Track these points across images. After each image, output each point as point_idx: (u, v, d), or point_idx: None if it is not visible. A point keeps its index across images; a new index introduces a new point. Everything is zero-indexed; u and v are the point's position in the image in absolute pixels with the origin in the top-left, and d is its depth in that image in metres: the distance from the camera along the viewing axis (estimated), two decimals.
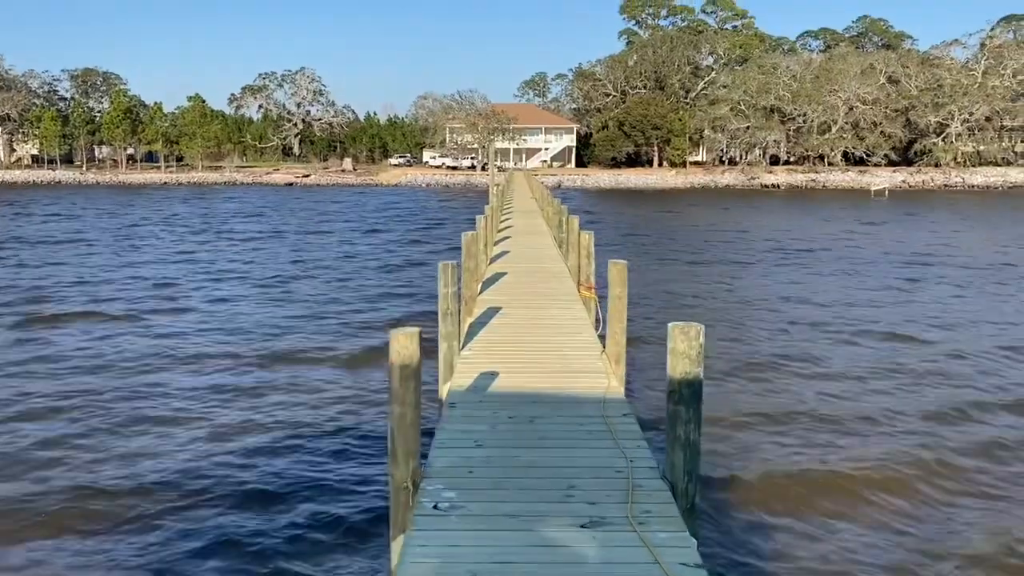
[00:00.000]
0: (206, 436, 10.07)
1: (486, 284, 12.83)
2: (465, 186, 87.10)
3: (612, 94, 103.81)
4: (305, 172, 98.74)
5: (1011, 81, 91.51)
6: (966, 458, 9.39)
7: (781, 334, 16.05)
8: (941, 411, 11.08)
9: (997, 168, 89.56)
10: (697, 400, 4.92)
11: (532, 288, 12.62)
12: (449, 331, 7.75)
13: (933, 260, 28.28)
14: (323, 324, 16.94)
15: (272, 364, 13.76)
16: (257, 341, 15.50)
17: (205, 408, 11.27)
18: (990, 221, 46.74)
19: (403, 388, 4.85)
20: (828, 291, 21.32)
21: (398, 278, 23.52)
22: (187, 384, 12.65)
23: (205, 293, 21.40)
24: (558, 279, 13.73)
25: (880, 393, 11.90)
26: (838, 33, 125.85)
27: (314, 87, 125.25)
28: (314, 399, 11.57)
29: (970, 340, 15.63)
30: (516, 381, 7.28)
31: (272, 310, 18.88)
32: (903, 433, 10.17)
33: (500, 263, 15.20)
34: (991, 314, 18.38)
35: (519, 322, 9.93)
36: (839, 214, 51.86)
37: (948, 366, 13.68)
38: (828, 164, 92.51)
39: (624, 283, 7.88)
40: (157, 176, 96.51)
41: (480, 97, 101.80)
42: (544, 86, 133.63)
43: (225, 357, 14.37)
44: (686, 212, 54.29)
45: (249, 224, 44.80)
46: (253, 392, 12.06)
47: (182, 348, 15.05)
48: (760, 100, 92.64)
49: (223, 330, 16.65)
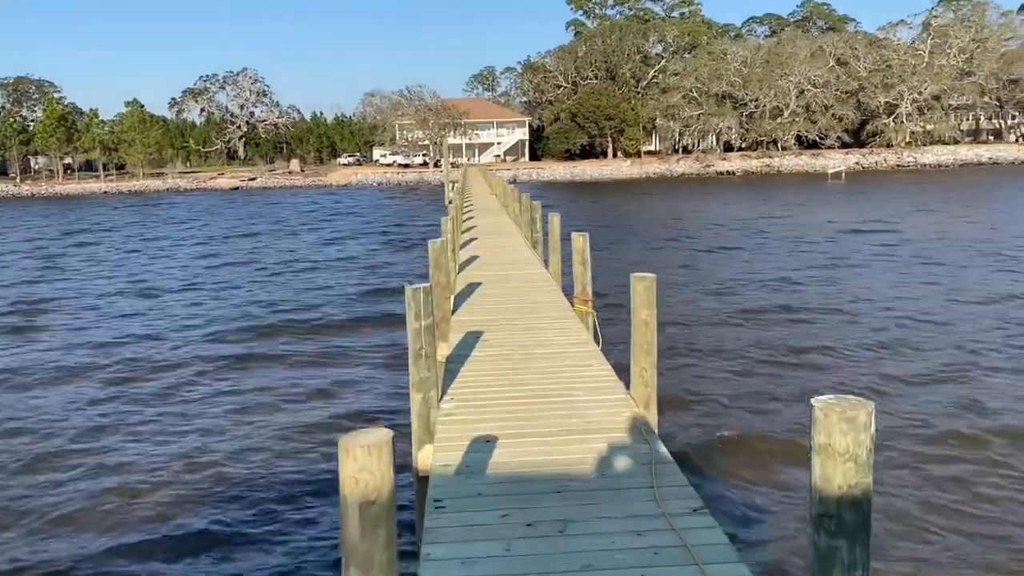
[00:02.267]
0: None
1: (459, 299, 10.89)
2: (418, 183, 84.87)
3: (563, 85, 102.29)
4: (251, 175, 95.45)
5: (957, 60, 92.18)
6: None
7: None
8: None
9: (947, 146, 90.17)
10: (867, 531, 2.95)
11: (514, 302, 10.74)
12: (424, 378, 5.72)
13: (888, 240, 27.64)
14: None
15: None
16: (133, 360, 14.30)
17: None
18: (961, 199, 46.23)
19: (366, 541, 2.82)
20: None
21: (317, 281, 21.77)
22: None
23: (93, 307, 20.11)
24: (540, 288, 11.86)
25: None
26: (783, 18, 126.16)
27: (257, 88, 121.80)
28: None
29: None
30: (523, 452, 5.23)
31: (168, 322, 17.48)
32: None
33: (471, 271, 13.24)
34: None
35: (508, 351, 8.00)
36: (801, 199, 50.99)
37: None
38: (781, 148, 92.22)
39: (652, 303, 5.98)
40: (96, 186, 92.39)
41: (429, 92, 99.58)
42: (493, 80, 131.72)
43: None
44: (647, 202, 52.94)
45: (177, 231, 42.94)
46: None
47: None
48: (712, 87, 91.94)
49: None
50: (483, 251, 15.49)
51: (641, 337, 5.92)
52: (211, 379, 12.90)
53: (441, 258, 8.56)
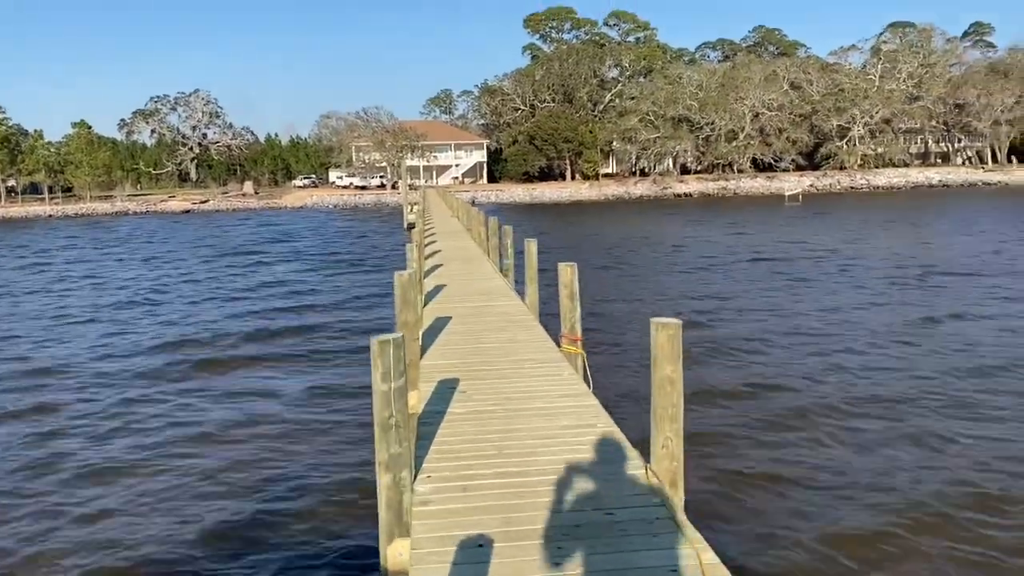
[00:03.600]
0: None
1: (428, 338, 9.61)
2: (376, 205, 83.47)
3: (521, 108, 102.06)
4: (203, 198, 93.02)
5: (906, 84, 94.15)
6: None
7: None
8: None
9: (898, 169, 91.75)
10: None
11: (491, 340, 9.55)
12: (394, 455, 4.44)
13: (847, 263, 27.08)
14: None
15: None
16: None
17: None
18: (917, 220, 46.46)
19: None
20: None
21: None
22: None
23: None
24: (518, 323, 10.67)
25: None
26: (736, 43, 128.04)
27: (210, 109, 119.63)
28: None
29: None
30: (526, 562, 4.01)
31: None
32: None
33: (439, 303, 12.08)
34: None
35: (491, 406, 6.75)
36: (766, 221, 50.81)
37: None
38: (737, 171, 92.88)
39: (677, 356, 4.78)
40: (40, 209, 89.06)
41: (386, 114, 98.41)
42: (450, 103, 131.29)
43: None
44: (610, 223, 52.27)
45: (94, 255, 41.01)
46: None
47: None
48: (668, 110, 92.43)
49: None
50: (450, 279, 14.32)
51: (665, 398, 4.77)
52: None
53: (409, 293, 7.41)
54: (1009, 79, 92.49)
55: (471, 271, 15.65)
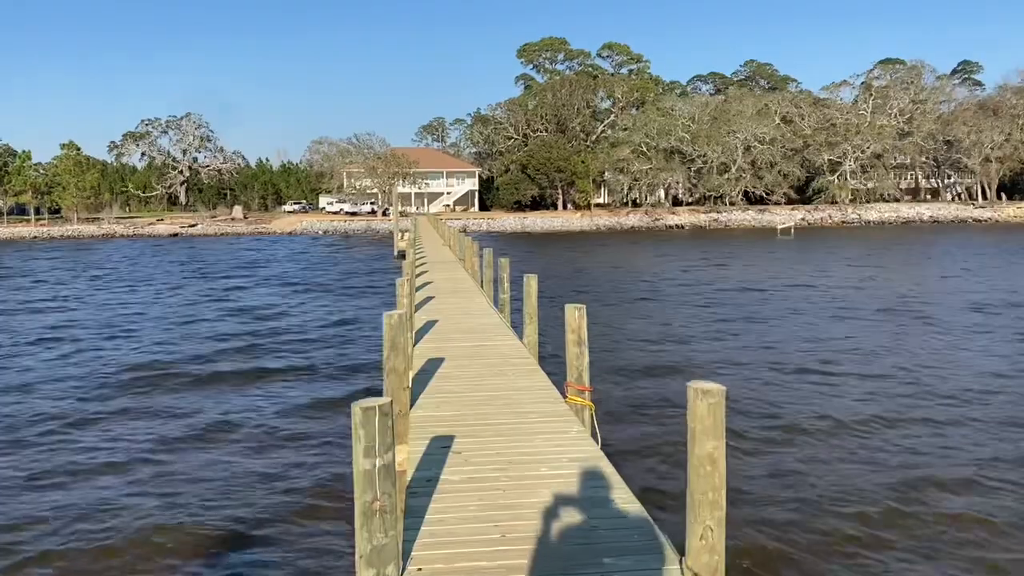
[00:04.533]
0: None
1: (419, 383, 8.70)
2: (366, 232, 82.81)
3: (514, 137, 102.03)
4: (191, 221, 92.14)
5: (897, 120, 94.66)
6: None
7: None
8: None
9: (889, 204, 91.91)
10: None
11: (488, 387, 8.65)
12: (379, 547, 3.65)
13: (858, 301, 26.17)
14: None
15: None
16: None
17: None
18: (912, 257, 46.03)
19: None
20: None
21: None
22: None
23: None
24: (517, 367, 9.76)
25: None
26: (727, 77, 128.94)
27: (201, 133, 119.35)
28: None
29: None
30: None
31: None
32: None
33: (431, 342, 11.24)
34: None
35: (492, 473, 5.88)
36: (763, 255, 50.32)
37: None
38: (729, 204, 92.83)
39: (720, 430, 3.93)
40: (25, 230, 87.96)
41: (379, 140, 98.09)
42: (443, 131, 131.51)
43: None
44: (603, 254, 51.65)
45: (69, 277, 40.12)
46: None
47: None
48: (661, 142, 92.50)
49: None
50: (443, 315, 13.53)
51: (704, 481, 3.89)
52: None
53: (399, 336, 6.63)
54: (999, 117, 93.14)
55: (465, 306, 14.84)
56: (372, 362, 15.58)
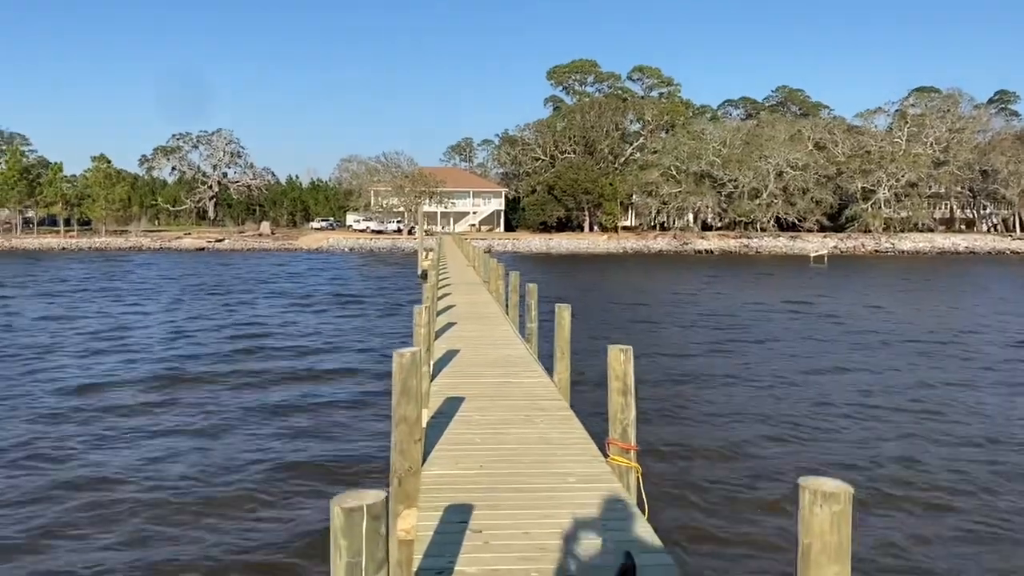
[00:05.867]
0: None
1: (434, 431, 7.58)
2: (391, 250, 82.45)
3: (541, 158, 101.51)
4: (219, 236, 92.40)
5: (933, 148, 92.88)
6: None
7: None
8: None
9: (924, 234, 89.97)
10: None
11: (516, 440, 7.39)
12: None
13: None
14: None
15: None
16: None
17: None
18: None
19: None
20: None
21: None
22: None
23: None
24: (548, 412, 8.52)
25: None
26: (758, 102, 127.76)
27: (231, 148, 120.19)
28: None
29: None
30: None
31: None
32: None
33: (450, 378, 10.10)
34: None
35: (522, 570, 4.69)
36: (800, 283, 49.01)
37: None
38: (760, 229, 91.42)
39: (846, 549, 2.98)
40: (54, 241, 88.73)
41: (406, 159, 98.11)
42: (470, 151, 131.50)
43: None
44: (631, 278, 50.42)
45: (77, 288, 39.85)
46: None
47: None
48: (691, 165, 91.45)
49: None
50: (464, 344, 12.61)
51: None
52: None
53: (411, 379, 5.70)
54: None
55: (489, 334, 13.86)
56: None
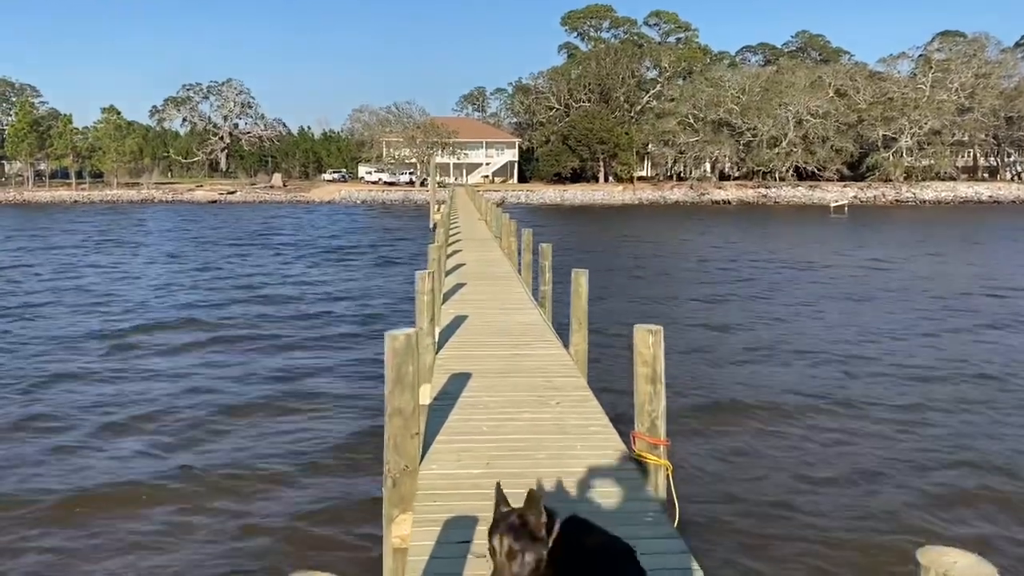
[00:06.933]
0: None
1: (436, 416, 6.72)
2: (404, 202, 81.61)
3: (555, 107, 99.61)
4: (230, 189, 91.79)
5: (958, 95, 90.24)
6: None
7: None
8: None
9: (946, 183, 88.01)
10: None
11: (528, 429, 6.49)
12: None
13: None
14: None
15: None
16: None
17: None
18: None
19: None
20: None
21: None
22: None
23: None
24: (564, 392, 7.59)
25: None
26: (777, 48, 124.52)
27: (242, 99, 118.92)
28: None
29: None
30: None
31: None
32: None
33: (456, 347, 9.30)
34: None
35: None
36: (827, 235, 47.87)
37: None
38: (779, 179, 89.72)
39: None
40: (66, 194, 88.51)
41: (418, 109, 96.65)
42: (483, 100, 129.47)
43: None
44: (652, 231, 49.21)
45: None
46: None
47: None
48: (709, 113, 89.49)
49: None
50: (473, 309, 11.81)
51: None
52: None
53: (406, 365, 4.98)
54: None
55: (500, 296, 13.09)
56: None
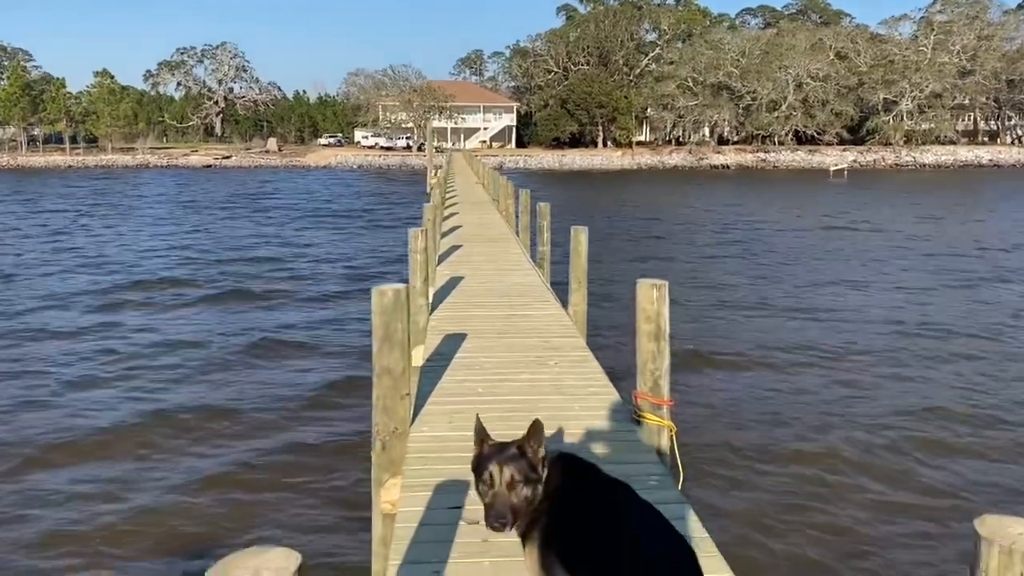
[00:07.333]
0: None
1: (429, 377, 6.45)
2: (400, 167, 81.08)
3: (554, 71, 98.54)
4: (225, 154, 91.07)
5: (960, 58, 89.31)
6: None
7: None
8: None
9: (946, 147, 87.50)
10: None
11: (525, 390, 6.21)
12: None
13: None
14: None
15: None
16: None
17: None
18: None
19: None
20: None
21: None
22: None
23: None
24: (563, 352, 7.33)
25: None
26: (777, 11, 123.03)
27: (237, 63, 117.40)
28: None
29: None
30: None
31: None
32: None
33: (451, 308, 9.03)
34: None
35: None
36: (827, 201, 47.66)
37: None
38: (778, 143, 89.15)
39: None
40: (60, 159, 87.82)
41: (414, 72, 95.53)
42: (480, 64, 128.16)
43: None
44: (652, 197, 49.00)
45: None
46: None
47: None
48: (708, 77, 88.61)
49: None
50: (470, 270, 11.68)
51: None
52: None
53: (395, 323, 4.71)
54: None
55: (497, 258, 12.91)
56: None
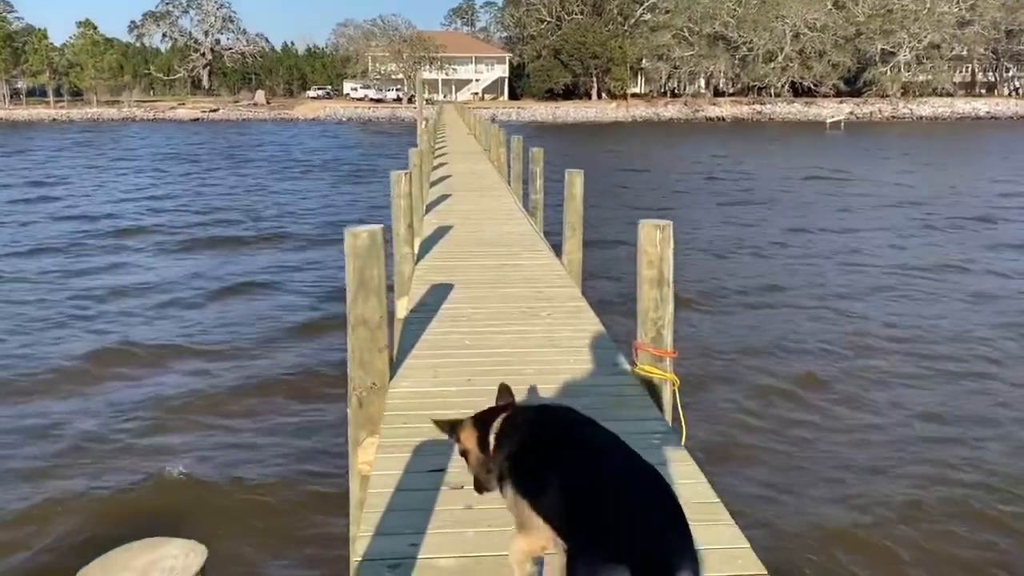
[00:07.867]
0: None
1: (412, 329, 6.07)
2: (391, 119, 79.84)
3: (547, 20, 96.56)
4: (213, 106, 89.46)
5: (959, 7, 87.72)
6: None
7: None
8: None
9: (943, 99, 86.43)
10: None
11: (516, 343, 5.83)
12: None
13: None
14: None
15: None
16: None
17: None
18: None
19: None
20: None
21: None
22: None
23: None
24: (557, 302, 6.92)
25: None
26: None
27: (223, 13, 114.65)
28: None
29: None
30: None
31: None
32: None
33: (439, 258, 8.57)
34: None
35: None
36: (839, 153, 46.98)
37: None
38: (774, 95, 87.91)
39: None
40: (44, 112, 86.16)
41: (404, 22, 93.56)
42: (472, 14, 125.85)
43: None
44: (650, 150, 48.22)
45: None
46: None
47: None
48: (704, 27, 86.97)
49: None
50: (459, 219, 11.02)
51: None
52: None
53: (370, 269, 4.26)
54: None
55: (488, 207, 12.30)
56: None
